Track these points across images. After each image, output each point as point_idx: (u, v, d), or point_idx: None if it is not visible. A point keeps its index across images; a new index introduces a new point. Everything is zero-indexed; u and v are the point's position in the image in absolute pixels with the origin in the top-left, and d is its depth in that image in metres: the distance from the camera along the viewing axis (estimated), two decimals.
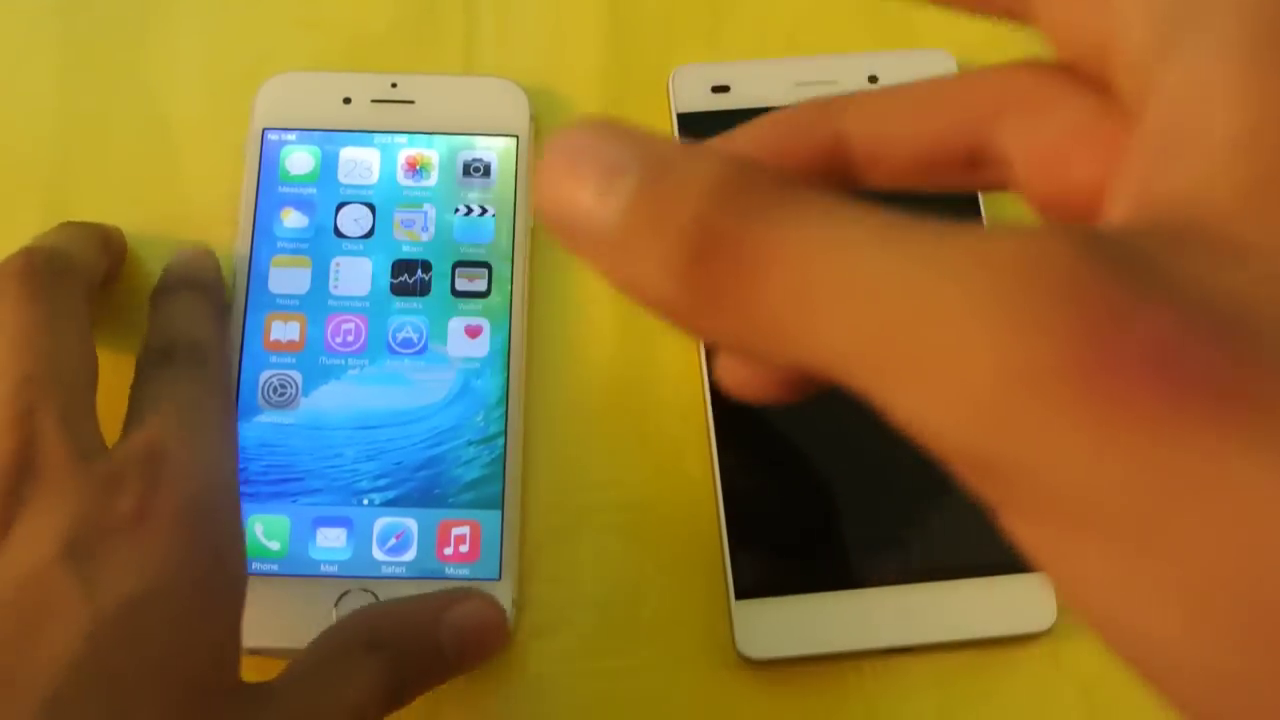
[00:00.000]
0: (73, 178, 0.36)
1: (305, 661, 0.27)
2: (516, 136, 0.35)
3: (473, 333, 0.34)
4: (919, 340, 0.12)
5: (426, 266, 0.34)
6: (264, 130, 0.35)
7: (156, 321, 0.31)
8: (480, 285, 0.34)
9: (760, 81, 0.36)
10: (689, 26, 0.38)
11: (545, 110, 0.37)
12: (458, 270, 0.34)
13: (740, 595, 0.32)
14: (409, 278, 0.34)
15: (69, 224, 0.32)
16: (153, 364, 0.29)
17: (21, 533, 0.24)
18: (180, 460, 0.26)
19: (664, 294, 0.14)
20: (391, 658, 0.27)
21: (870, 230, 0.13)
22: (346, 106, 0.36)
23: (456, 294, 0.34)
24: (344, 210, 0.35)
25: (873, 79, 0.36)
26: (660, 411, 0.34)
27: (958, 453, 0.13)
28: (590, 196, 0.14)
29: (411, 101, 0.36)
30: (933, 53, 0.37)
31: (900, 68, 0.37)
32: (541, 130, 0.36)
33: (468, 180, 0.35)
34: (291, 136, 0.35)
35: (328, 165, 0.35)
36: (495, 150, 0.35)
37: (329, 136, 0.35)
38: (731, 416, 0.33)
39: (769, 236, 0.13)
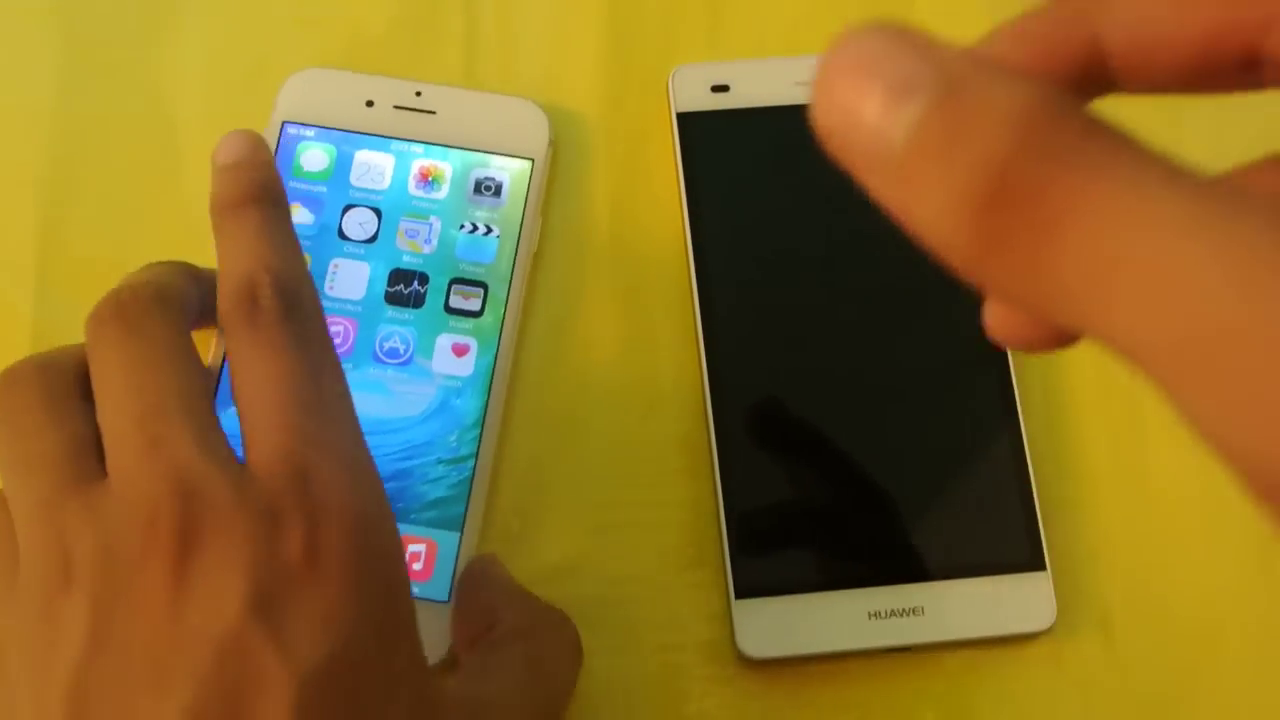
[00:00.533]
0: (73, 177, 0.36)
1: (490, 665, 0.28)
2: (532, 160, 0.35)
3: (460, 351, 0.34)
4: (1234, 362, 0.11)
5: (424, 279, 0.34)
6: (284, 123, 0.35)
7: (230, 255, 0.26)
8: (474, 305, 0.34)
9: (760, 81, 0.36)
10: (689, 26, 0.38)
11: (547, 117, 0.37)
12: (454, 287, 0.34)
13: (740, 595, 0.32)
14: (405, 288, 0.34)
15: (153, 263, 0.29)
16: (241, 318, 0.25)
17: (199, 585, 0.22)
18: (327, 476, 0.24)
19: (944, 232, 0.13)
20: (538, 646, 0.29)
21: (1187, 205, 0.12)
22: (369, 109, 0.36)
23: (450, 310, 0.34)
24: (350, 212, 0.35)
25: None
26: (660, 412, 0.34)
27: (1269, 490, 0.12)
28: (876, 110, 0.13)
29: (433, 112, 0.36)
30: None
31: None
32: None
33: (478, 198, 0.35)
34: (310, 133, 0.35)
35: (341, 165, 0.35)
36: (509, 171, 0.35)
37: (346, 137, 0.35)
38: (732, 416, 0.33)
39: (1074, 191, 0.12)
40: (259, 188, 0.27)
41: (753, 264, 0.35)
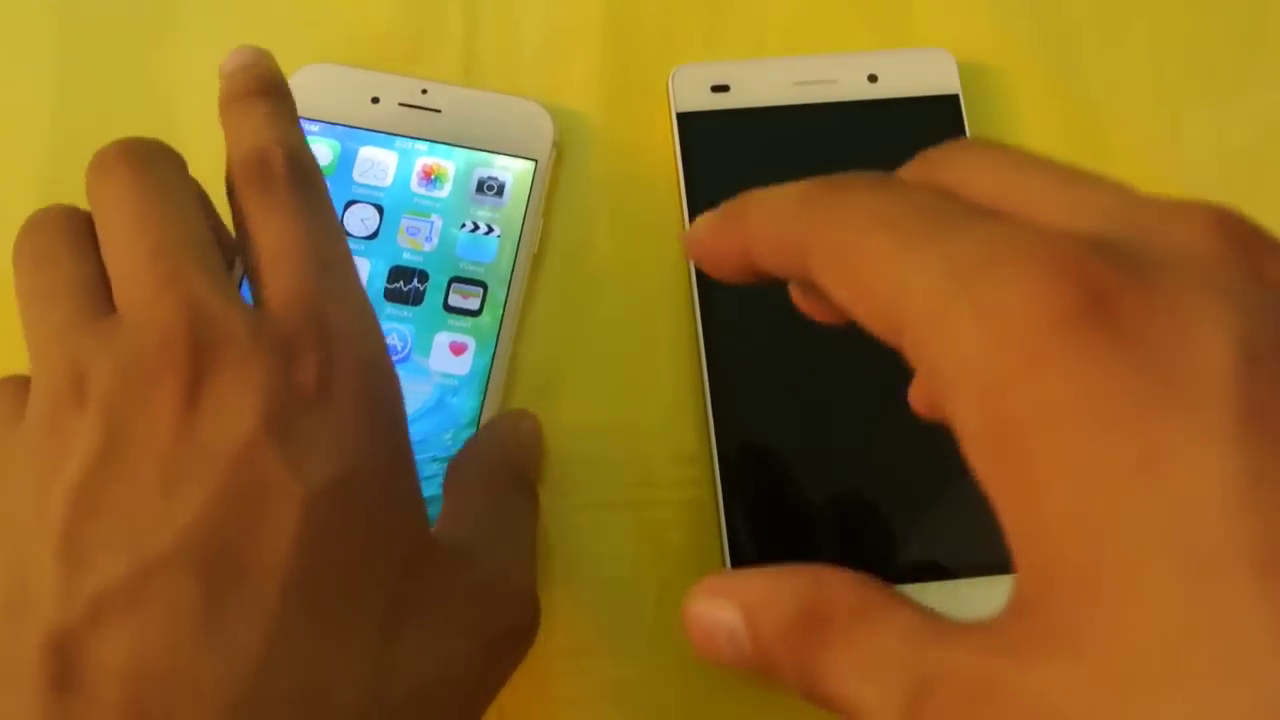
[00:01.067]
0: (73, 177, 0.36)
1: (473, 508, 0.29)
2: (535, 161, 0.35)
3: (457, 350, 0.34)
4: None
5: (423, 276, 0.34)
6: None
7: (240, 132, 0.28)
8: (473, 304, 0.34)
9: (760, 81, 0.36)
10: (689, 26, 0.38)
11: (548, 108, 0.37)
12: (453, 285, 0.34)
13: None
14: (404, 285, 0.34)
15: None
16: (254, 186, 0.26)
17: (212, 402, 0.23)
18: (341, 321, 0.25)
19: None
20: (529, 486, 0.31)
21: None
22: (374, 106, 0.36)
23: (448, 309, 0.34)
24: (352, 208, 0.35)
25: (872, 78, 0.36)
26: (661, 411, 0.34)
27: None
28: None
29: (438, 110, 0.36)
30: (932, 51, 0.37)
31: (900, 67, 0.37)
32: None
33: (480, 197, 0.35)
34: (315, 128, 0.35)
35: (345, 161, 0.35)
36: (512, 171, 0.35)
37: (351, 133, 0.35)
38: (732, 416, 0.33)
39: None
40: (264, 82, 0.28)
41: None
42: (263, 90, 0.28)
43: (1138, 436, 0.15)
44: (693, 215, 0.35)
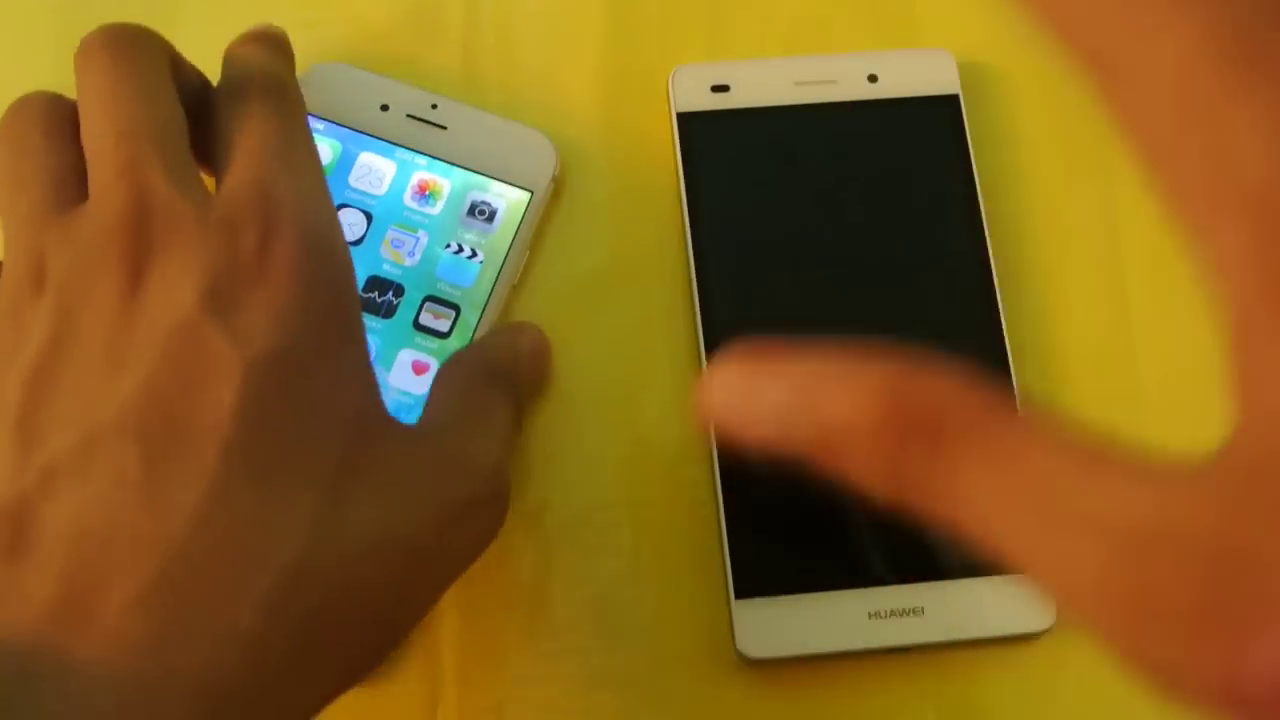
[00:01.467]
0: None
1: (445, 400, 0.29)
2: (532, 192, 0.35)
3: (419, 369, 0.33)
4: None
5: (399, 290, 0.34)
6: None
7: (226, 63, 0.30)
8: (444, 325, 0.34)
9: (760, 81, 0.36)
10: (689, 26, 0.38)
11: (541, 117, 0.37)
12: (427, 304, 0.34)
13: (740, 595, 0.32)
14: (379, 296, 0.34)
15: None
16: (230, 97, 0.28)
17: (156, 283, 0.24)
18: (288, 199, 0.26)
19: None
20: (508, 386, 0.31)
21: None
22: (382, 113, 0.36)
23: (418, 327, 0.34)
24: (342, 211, 0.35)
25: (872, 78, 0.36)
26: (661, 411, 0.34)
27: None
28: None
29: (444, 127, 0.36)
30: (933, 52, 0.37)
31: (900, 67, 0.37)
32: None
33: (469, 220, 0.35)
34: (320, 126, 0.35)
35: (343, 164, 0.35)
36: (506, 199, 0.35)
37: (354, 137, 0.35)
38: None
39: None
40: (268, 35, 0.31)
41: (754, 264, 0.35)
42: (263, 38, 0.31)
43: None
44: (693, 215, 0.35)
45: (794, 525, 0.33)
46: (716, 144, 0.36)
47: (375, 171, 0.35)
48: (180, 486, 0.22)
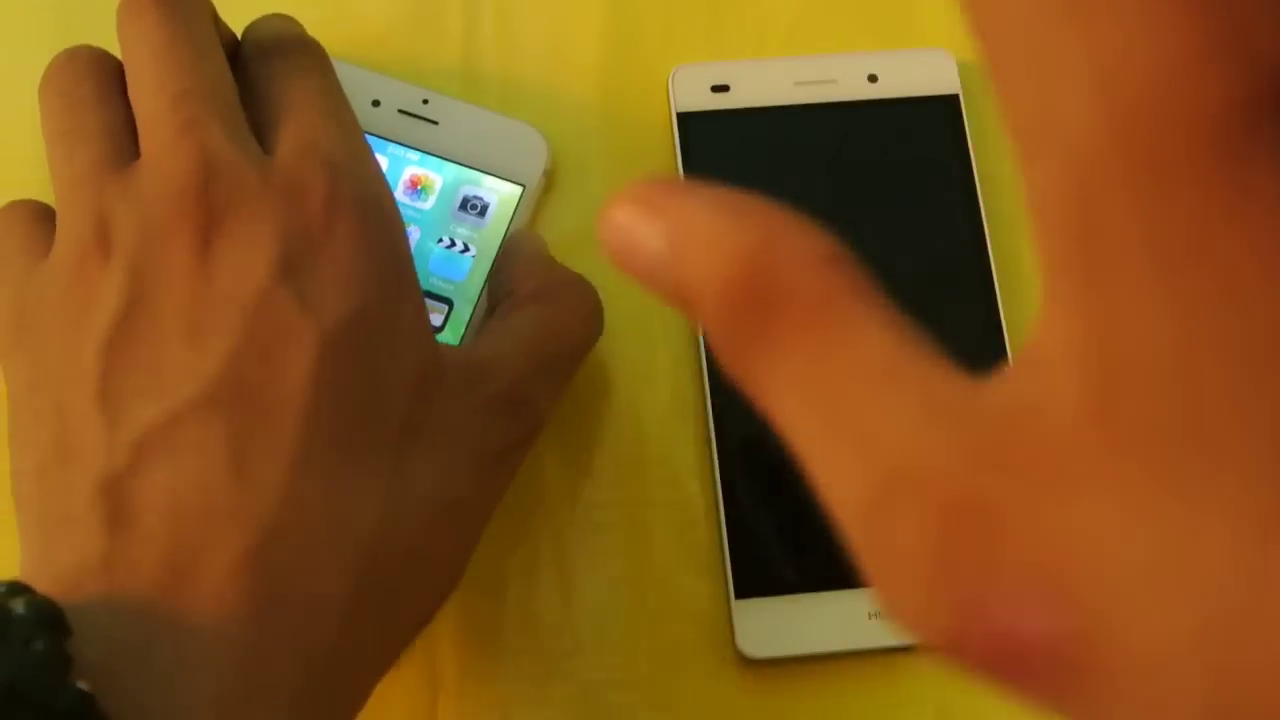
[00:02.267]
0: None
1: (499, 328, 0.30)
2: (523, 186, 0.35)
3: None
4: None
5: None
6: None
7: (254, 27, 0.30)
8: (437, 320, 0.34)
9: (760, 81, 0.36)
10: (689, 26, 0.38)
11: (541, 116, 0.37)
12: None
13: (740, 595, 0.32)
14: None
15: None
16: (263, 58, 0.28)
17: (227, 250, 0.24)
18: (344, 162, 0.26)
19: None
20: (552, 307, 0.31)
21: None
22: (373, 109, 0.36)
23: None
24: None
25: (872, 78, 0.36)
26: (659, 411, 0.34)
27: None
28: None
29: (436, 122, 0.36)
30: (933, 52, 0.37)
31: (900, 67, 0.37)
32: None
33: (461, 215, 0.35)
34: None
35: None
36: (498, 194, 0.35)
37: None
38: (731, 415, 0.33)
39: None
40: (271, 16, 0.31)
41: None
42: (279, 15, 0.31)
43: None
44: None
45: (794, 525, 0.33)
46: (716, 144, 0.36)
47: None
48: (266, 458, 0.23)
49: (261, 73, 0.28)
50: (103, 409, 0.23)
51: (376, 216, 0.26)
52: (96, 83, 0.27)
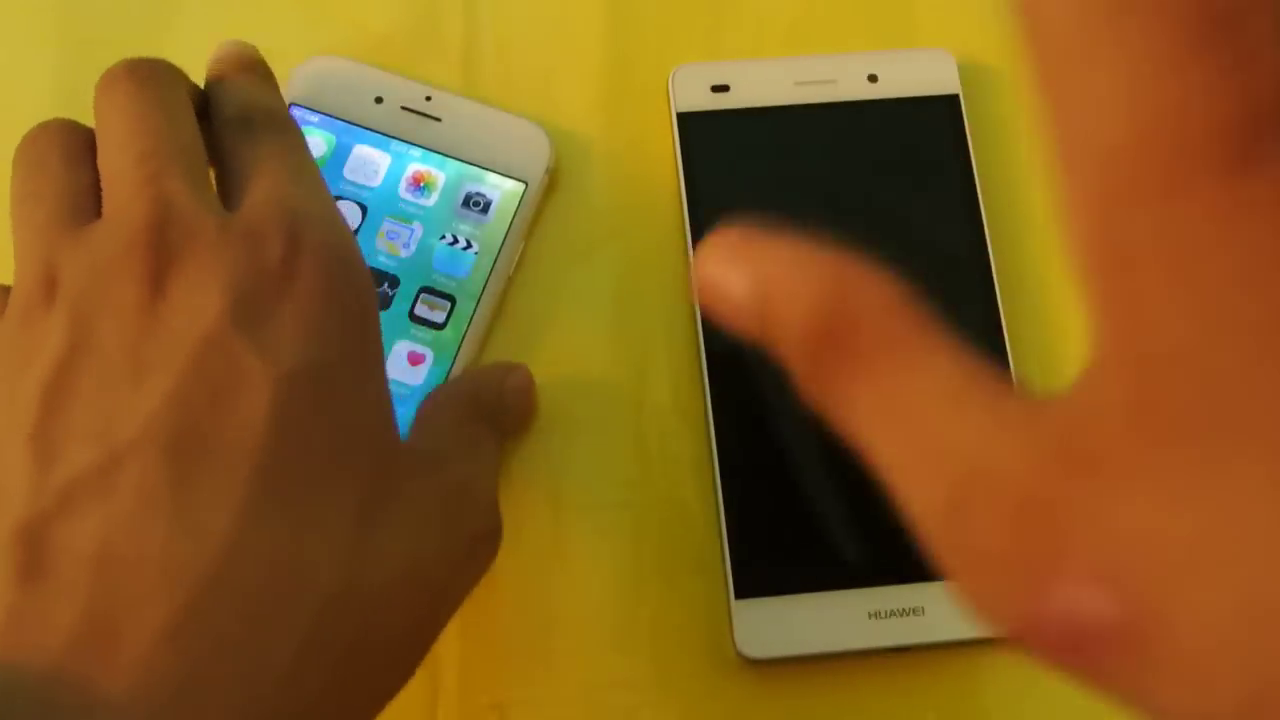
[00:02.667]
0: None
1: (439, 429, 0.29)
2: (526, 183, 0.35)
3: (415, 360, 0.33)
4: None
5: (394, 282, 0.34)
6: (290, 104, 0.35)
7: (221, 96, 0.29)
8: (439, 317, 0.34)
9: (760, 81, 0.36)
10: (689, 26, 0.38)
11: (541, 116, 0.37)
12: (422, 295, 0.34)
13: (740, 595, 0.32)
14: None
15: None
16: (237, 132, 0.27)
17: (179, 292, 0.23)
18: (312, 214, 0.25)
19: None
20: (492, 424, 0.30)
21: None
22: (376, 105, 0.36)
23: (414, 318, 0.34)
24: (337, 204, 0.35)
25: (872, 78, 0.36)
26: (659, 411, 0.34)
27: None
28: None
29: (439, 119, 0.36)
30: (933, 52, 0.37)
31: (900, 67, 0.37)
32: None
33: (464, 211, 0.35)
34: (314, 118, 0.35)
35: (338, 156, 0.35)
36: (501, 190, 0.35)
37: (349, 129, 0.35)
38: (731, 415, 0.33)
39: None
40: (250, 60, 0.30)
41: None
42: (242, 67, 0.30)
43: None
44: (693, 215, 0.35)
45: (794, 525, 0.33)
46: (716, 144, 0.36)
47: (370, 164, 0.35)
48: (211, 508, 0.21)
49: (233, 146, 0.27)
50: (34, 451, 0.22)
51: (342, 271, 0.25)
52: (64, 150, 0.26)
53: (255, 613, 0.21)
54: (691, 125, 0.36)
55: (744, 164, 0.36)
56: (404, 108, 0.36)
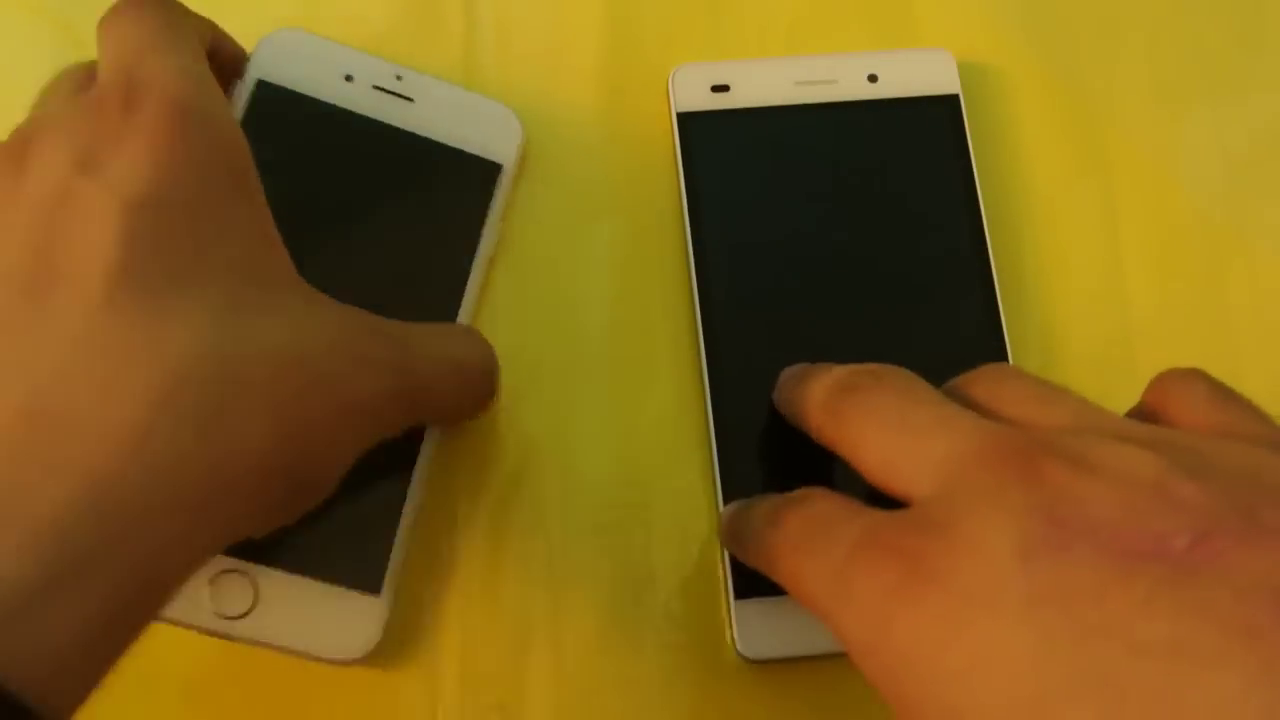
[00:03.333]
0: None
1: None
2: (501, 165, 0.35)
3: None
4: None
5: None
6: (259, 80, 0.34)
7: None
8: None
9: (760, 81, 0.36)
10: (689, 26, 0.38)
11: (541, 116, 0.37)
12: None
13: (740, 595, 0.32)
14: None
15: None
16: (105, 19, 0.29)
17: (35, 169, 0.25)
18: (155, 72, 0.26)
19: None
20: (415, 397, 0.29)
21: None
22: (346, 84, 0.35)
23: None
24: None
25: (872, 78, 0.36)
26: (660, 410, 0.34)
27: None
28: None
29: (410, 99, 0.35)
30: (933, 52, 0.37)
31: (900, 67, 0.37)
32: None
33: None
34: (281, 94, 0.34)
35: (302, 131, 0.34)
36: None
37: (318, 105, 0.34)
38: (731, 415, 0.33)
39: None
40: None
41: (754, 264, 0.35)
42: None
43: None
44: (693, 215, 0.35)
45: None
46: (716, 144, 0.36)
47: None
48: (64, 315, 0.23)
49: (99, 34, 0.29)
50: None
51: (191, 116, 0.26)
52: (75, 86, 0.29)
53: (101, 381, 0.23)
54: (691, 125, 0.36)
55: (744, 164, 0.36)
56: (375, 87, 0.35)
